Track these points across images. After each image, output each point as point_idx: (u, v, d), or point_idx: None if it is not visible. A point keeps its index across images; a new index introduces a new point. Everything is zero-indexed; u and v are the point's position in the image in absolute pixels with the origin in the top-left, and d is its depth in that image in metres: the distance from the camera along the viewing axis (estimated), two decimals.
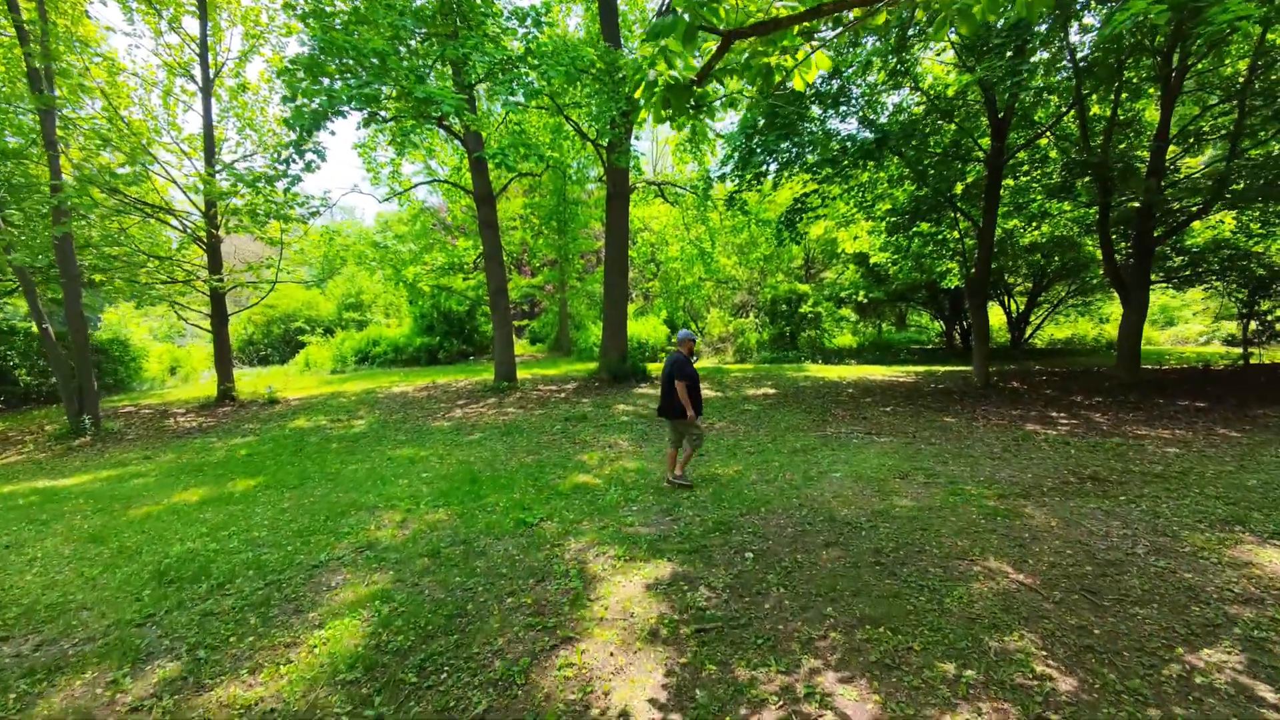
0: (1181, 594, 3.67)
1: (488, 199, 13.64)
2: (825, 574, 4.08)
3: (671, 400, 5.95)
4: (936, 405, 10.20)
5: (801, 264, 24.75)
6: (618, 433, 8.85)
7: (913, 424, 8.72)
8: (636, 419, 9.74)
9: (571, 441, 8.46)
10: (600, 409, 10.76)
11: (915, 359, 19.67)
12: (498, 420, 10.17)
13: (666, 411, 6.04)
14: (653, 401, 11.37)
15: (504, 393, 13.15)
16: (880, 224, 14.15)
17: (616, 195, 14.32)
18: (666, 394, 5.97)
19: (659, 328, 22.20)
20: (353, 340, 23.10)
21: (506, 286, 14.08)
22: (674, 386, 5.88)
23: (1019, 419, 8.87)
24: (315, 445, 9.07)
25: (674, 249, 20.27)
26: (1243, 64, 12.05)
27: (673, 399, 5.93)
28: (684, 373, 5.86)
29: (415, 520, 5.45)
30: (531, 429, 9.40)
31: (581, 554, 4.57)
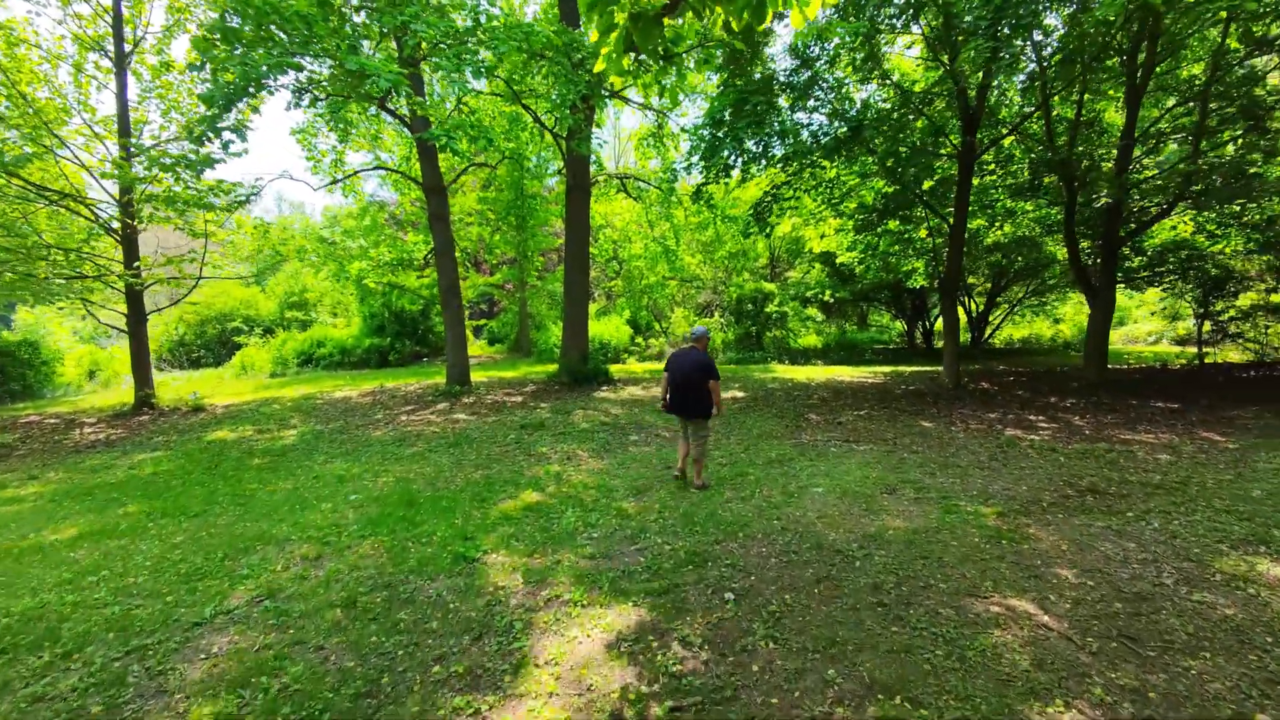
0: (1231, 637, 3.15)
1: (438, 190, 12.68)
2: (821, 620, 3.44)
3: (698, 398, 5.69)
4: (911, 408, 9.78)
5: (767, 263, 24.41)
6: (578, 442, 8.10)
7: (890, 429, 8.23)
8: (598, 427, 9.00)
9: (526, 454, 7.67)
10: (559, 415, 9.97)
11: (880, 359, 19.48)
12: (446, 429, 9.28)
13: (690, 410, 5.76)
14: (617, 406, 10.65)
15: (456, 398, 12.22)
16: (848, 222, 13.77)
17: (577, 188, 13.54)
18: (687, 392, 5.71)
19: (622, 328, 21.48)
20: (295, 341, 21.64)
21: (459, 284, 13.14)
22: (699, 384, 5.66)
23: (997, 423, 8.49)
24: (233, 461, 8.02)
25: (637, 246, 19.61)
26: (1198, 67, 12.10)
27: (698, 397, 5.69)
28: (715, 371, 5.69)
29: (333, 556, 4.60)
30: (483, 439, 8.55)
31: (530, 598, 3.82)
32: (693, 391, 5.69)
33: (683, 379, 5.72)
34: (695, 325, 6.24)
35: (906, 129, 11.09)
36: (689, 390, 5.70)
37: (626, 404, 10.90)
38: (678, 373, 5.77)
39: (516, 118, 15.25)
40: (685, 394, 5.73)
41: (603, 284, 28.71)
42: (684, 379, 5.72)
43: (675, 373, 5.79)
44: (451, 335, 12.91)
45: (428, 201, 12.81)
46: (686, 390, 5.71)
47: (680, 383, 5.74)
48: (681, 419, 5.96)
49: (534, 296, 24.14)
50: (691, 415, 5.78)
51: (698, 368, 5.68)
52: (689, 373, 5.70)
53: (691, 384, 5.69)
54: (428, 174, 12.63)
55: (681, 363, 5.80)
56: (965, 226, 11.48)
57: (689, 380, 5.69)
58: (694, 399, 5.71)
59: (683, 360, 5.81)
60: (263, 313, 25.44)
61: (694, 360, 5.74)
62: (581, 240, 13.74)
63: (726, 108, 9.88)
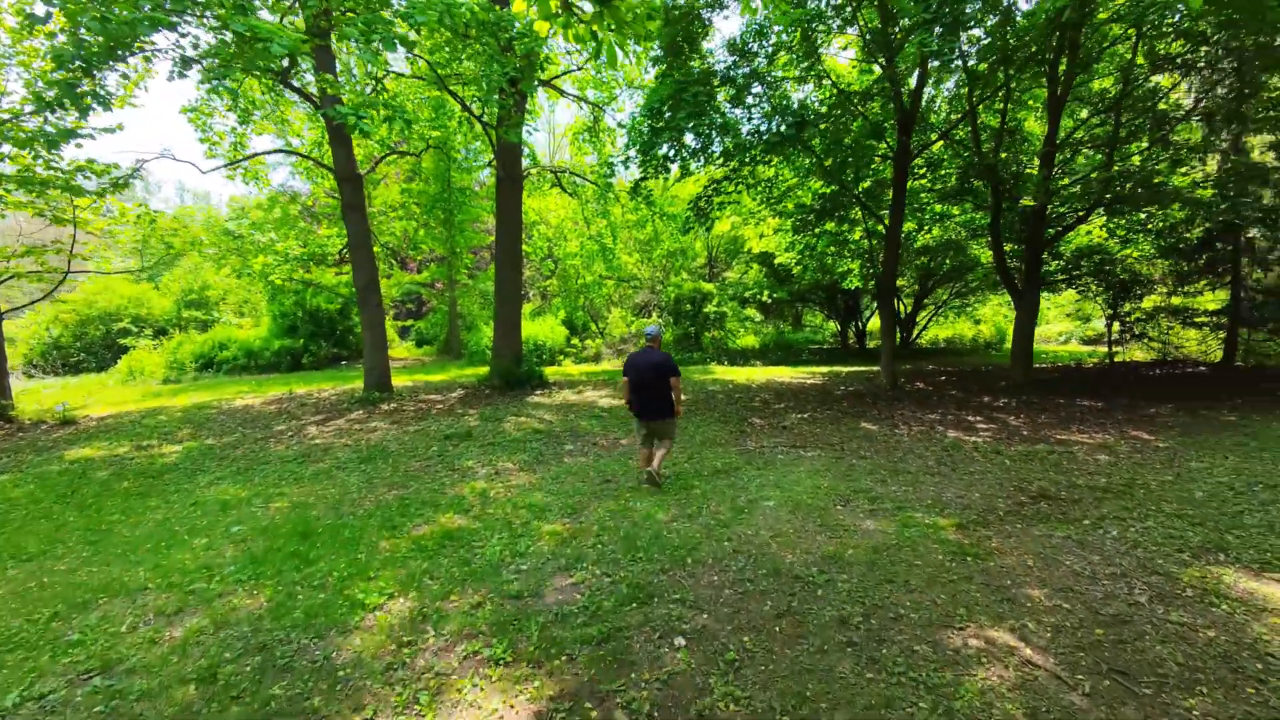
0: (1222, 665, 2.90)
1: (352, 179, 11.58)
2: (786, 668, 2.96)
3: (662, 397, 5.62)
4: (853, 410, 9.64)
5: (705, 263, 24.26)
6: (509, 454, 7.40)
7: (836, 433, 7.99)
8: (531, 435, 8.31)
9: (449, 468, 6.90)
10: (489, 423, 9.21)
11: (816, 359, 19.66)
12: (359, 442, 8.34)
13: (652, 413, 5.68)
14: (552, 412, 9.99)
15: (374, 405, 11.18)
16: (787, 222, 13.65)
17: (508, 179, 12.76)
18: (648, 393, 5.63)
19: (557, 329, 20.72)
20: (193, 343, 19.61)
21: (378, 281, 12.08)
22: (660, 384, 5.59)
23: (938, 424, 8.43)
24: (97, 486, 6.83)
25: (573, 244, 18.92)
26: (1108, 81, 12.70)
27: (661, 396, 5.62)
28: (675, 368, 5.64)
29: (198, 609, 3.76)
30: (401, 452, 7.70)
31: (442, 656, 3.16)
32: (655, 391, 5.61)
33: (642, 379, 5.64)
34: (647, 326, 6.25)
35: (845, 129, 11.01)
36: (651, 390, 5.62)
37: (561, 409, 10.25)
38: (638, 374, 5.66)
39: (443, 104, 14.31)
40: (648, 394, 5.64)
41: (538, 283, 27.81)
42: (644, 379, 5.63)
43: (636, 374, 5.68)
44: (370, 336, 11.83)
45: (340, 191, 11.68)
46: (649, 390, 5.63)
47: (641, 383, 5.65)
48: (646, 421, 5.77)
49: (464, 295, 23.00)
50: (656, 416, 5.69)
51: (657, 366, 5.59)
52: (649, 372, 5.61)
53: (652, 383, 5.61)
54: (340, 161, 11.52)
55: (640, 363, 5.68)
56: (901, 228, 11.52)
57: (649, 380, 5.61)
58: (658, 399, 5.63)
59: (641, 361, 5.69)
60: (156, 312, 22.99)
61: (654, 361, 5.63)
62: (513, 235, 12.97)
63: (665, 98, 9.42)
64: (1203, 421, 8.21)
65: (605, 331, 22.38)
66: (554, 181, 15.68)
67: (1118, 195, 11.07)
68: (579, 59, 14.18)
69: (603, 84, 15.37)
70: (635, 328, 21.40)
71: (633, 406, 5.80)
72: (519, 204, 13.25)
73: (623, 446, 7.70)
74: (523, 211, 14.05)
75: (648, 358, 5.67)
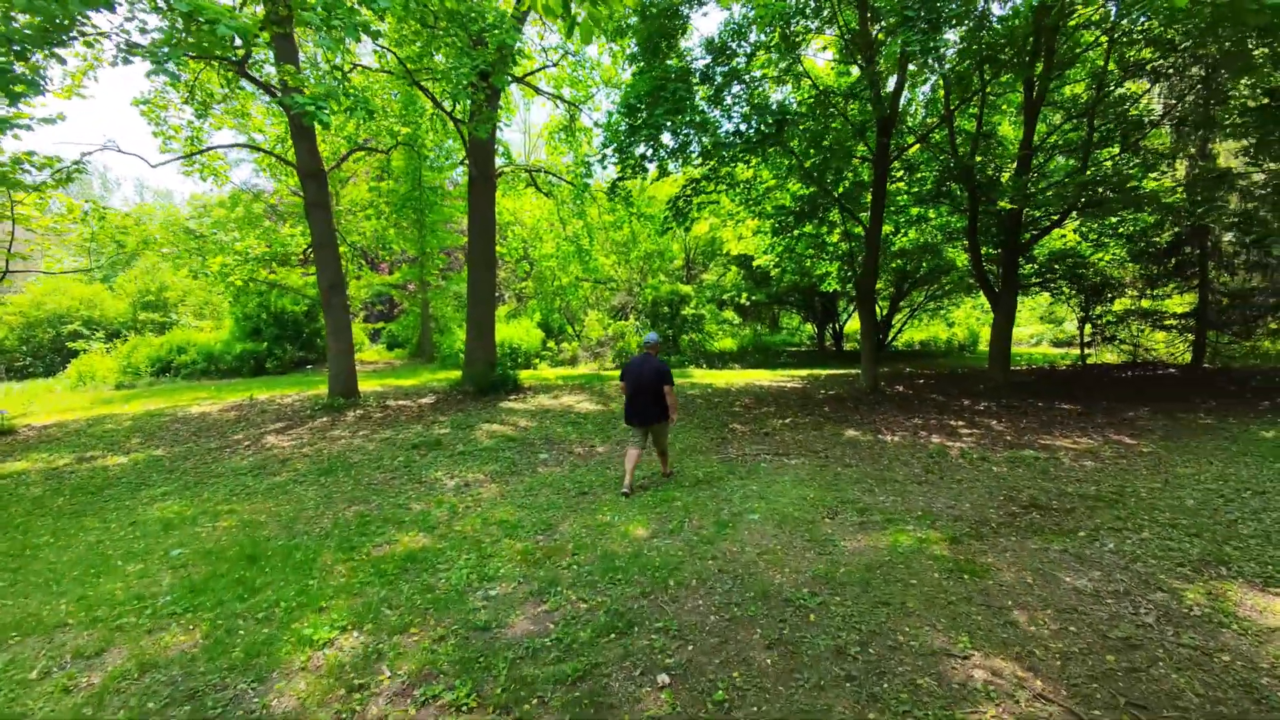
0: (1243, 695, 2.72)
1: (317, 175, 11.08)
2: (780, 708, 2.69)
3: (657, 403, 5.80)
4: (835, 415, 9.47)
5: (682, 264, 24.07)
6: (480, 464, 7.03)
7: (819, 440, 7.80)
8: (504, 444, 7.96)
9: (415, 481, 6.52)
10: (460, 431, 8.82)
11: (794, 361, 19.59)
12: (320, 452, 7.89)
13: (645, 418, 5.86)
14: (526, 418, 9.64)
15: (339, 412, 10.69)
16: (766, 223, 13.50)
17: (481, 178, 12.37)
18: (643, 399, 5.82)
19: (533, 331, 20.31)
20: (149, 347, 18.72)
21: (344, 282, 11.58)
22: (656, 390, 5.77)
23: (921, 429, 8.29)
24: (29, 503, 6.28)
25: (549, 246, 18.53)
26: (1080, 87, 12.82)
27: (657, 403, 5.80)
28: (670, 377, 5.81)
29: (124, 648, 3.35)
30: (365, 463, 7.28)
31: (397, 703, 2.82)
32: (653, 396, 5.78)
33: (641, 386, 5.81)
34: (648, 334, 6.28)
35: (825, 130, 10.88)
36: (648, 396, 5.78)
37: (537, 415, 9.90)
38: (636, 380, 5.84)
39: (413, 100, 13.86)
40: (644, 400, 5.80)
41: (513, 285, 27.34)
42: (642, 386, 5.80)
43: (634, 380, 5.86)
44: (335, 340, 11.32)
45: (304, 188, 11.16)
46: (646, 395, 5.79)
47: (638, 390, 5.82)
48: (639, 426, 5.93)
49: (438, 297, 22.45)
50: (650, 421, 5.86)
51: (656, 374, 5.77)
52: (648, 379, 5.78)
53: (650, 390, 5.77)
54: (303, 156, 11.00)
55: (639, 370, 5.86)
56: (880, 230, 11.43)
57: (647, 387, 5.78)
58: (654, 405, 5.80)
59: (641, 368, 5.87)
60: (109, 314, 21.96)
61: (653, 367, 5.82)
62: (486, 235, 12.58)
63: (643, 95, 9.16)
64: (1181, 425, 8.21)
65: (582, 334, 22.03)
66: (529, 181, 15.30)
67: (1091, 199, 11.13)
68: (554, 55, 13.86)
69: (579, 82, 15.07)
70: (612, 330, 21.08)
71: (627, 413, 5.93)
72: (492, 203, 12.87)
73: (599, 455, 7.39)
74: (496, 211, 13.65)
75: (647, 364, 5.83)
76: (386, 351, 26.44)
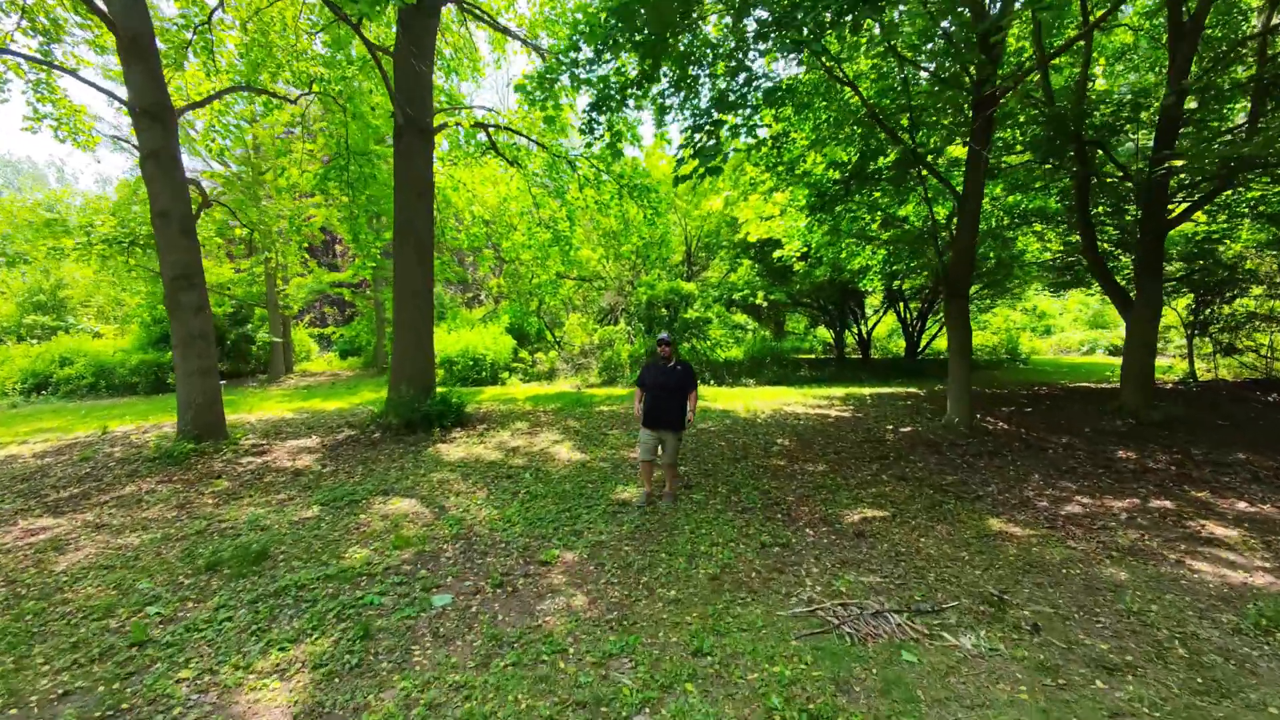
0: None
1: (159, 114, 7.52)
2: None
3: (680, 408, 5.37)
4: (939, 478, 6.02)
5: (682, 259, 20.56)
6: (300, 624, 3.51)
7: (953, 540, 4.34)
8: (386, 555, 4.43)
9: (146, 696, 2.97)
10: (327, 519, 5.30)
11: (818, 376, 16.12)
12: (76, 558, 4.32)
13: (668, 423, 5.35)
14: (457, 483, 6.14)
15: (182, 464, 7.13)
16: (800, 194, 10.02)
17: (411, 128, 8.87)
18: (669, 402, 5.34)
19: (501, 339, 16.73)
20: (23, 358, 15.02)
21: (200, 270, 7.97)
22: (680, 394, 5.38)
23: (1125, 518, 4.85)
24: None
25: (520, 234, 14.96)
26: None
27: (679, 407, 5.37)
28: (696, 382, 5.57)
29: None
30: (79, 612, 3.72)
31: None
32: (677, 401, 5.36)
33: (665, 389, 5.35)
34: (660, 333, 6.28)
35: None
36: (674, 399, 5.34)
37: (477, 474, 6.39)
38: (663, 381, 5.39)
39: (338, 39, 10.37)
40: (671, 403, 5.33)
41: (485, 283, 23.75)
42: (668, 386, 5.36)
43: (657, 383, 5.41)
44: (184, 356, 7.71)
45: (137, 130, 7.58)
46: (671, 399, 5.33)
47: (661, 394, 5.35)
48: (660, 431, 5.38)
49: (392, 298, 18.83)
50: (672, 427, 5.36)
51: (683, 376, 5.44)
52: (675, 379, 5.39)
53: (675, 391, 5.37)
54: (138, 84, 7.44)
55: (663, 372, 5.44)
56: (980, 201, 7.99)
57: (674, 387, 5.37)
58: (678, 408, 5.36)
59: (663, 370, 5.44)
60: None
61: (679, 369, 5.46)
62: (420, 210, 9.05)
63: None
64: None
65: (563, 341, 18.44)
66: (488, 144, 11.74)
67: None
68: None
69: (553, 23, 11.66)
70: (599, 337, 17.56)
71: (646, 416, 5.42)
72: (428, 165, 9.33)
73: (563, 595, 3.87)
74: (436, 178, 10.10)
75: (669, 366, 5.44)
76: (339, 360, 22.82)
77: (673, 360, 5.50)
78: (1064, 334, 23.32)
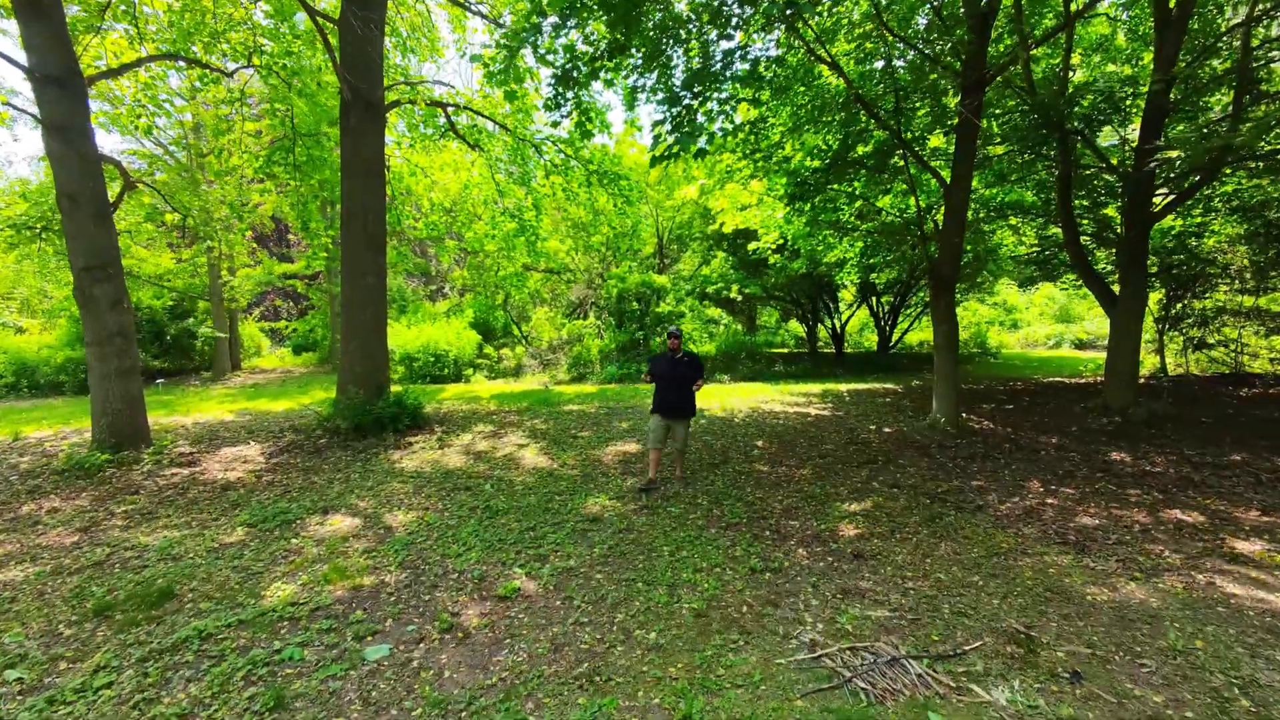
0: None
1: (65, 81, 6.61)
2: None
3: (690, 397, 5.65)
4: (933, 485, 5.63)
5: (653, 251, 20.00)
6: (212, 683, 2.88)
7: (962, 563, 3.93)
8: (315, 595, 3.80)
9: None
10: (252, 541, 4.63)
11: (793, 372, 15.80)
12: None
13: (677, 412, 5.64)
14: (407, 496, 5.50)
15: (99, 476, 6.31)
16: (778, 180, 9.56)
17: (360, 104, 8.09)
18: (678, 391, 5.61)
19: (465, 333, 15.95)
20: None
21: (116, 259, 7.08)
22: (689, 384, 5.60)
23: (1154, 532, 4.52)
24: None
25: (483, 224, 14.19)
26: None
27: (690, 396, 5.64)
28: (702, 372, 5.74)
29: None
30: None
31: None
32: (687, 390, 5.60)
33: (676, 378, 5.58)
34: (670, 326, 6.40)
35: None
36: (681, 390, 5.59)
37: (431, 487, 5.76)
38: (674, 372, 5.60)
39: (280, 8, 9.53)
40: (683, 390, 5.59)
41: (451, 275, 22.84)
42: (679, 377, 5.58)
43: (666, 374, 5.62)
44: (99, 357, 6.84)
45: (40, 103, 6.67)
46: (683, 388, 5.59)
47: (673, 383, 5.58)
48: (672, 419, 5.66)
49: None
50: (683, 415, 5.66)
51: (692, 366, 5.64)
52: (686, 369, 5.61)
53: (684, 380, 5.59)
54: (38, 47, 6.53)
55: (673, 364, 5.63)
56: (969, 188, 7.64)
57: (683, 377, 5.59)
58: (688, 398, 5.62)
59: (673, 362, 5.64)
60: None
61: (689, 362, 5.65)
62: (369, 192, 8.29)
63: None
64: None
65: (530, 336, 17.73)
66: (446, 125, 10.96)
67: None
68: None
69: None
70: (568, 332, 16.92)
71: (656, 405, 5.65)
72: (379, 144, 8.57)
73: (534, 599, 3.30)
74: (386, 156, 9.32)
75: (684, 361, 5.62)
76: (293, 356, 21.66)
77: (681, 352, 5.67)
78: (1030, 328, 23.58)
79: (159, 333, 16.35)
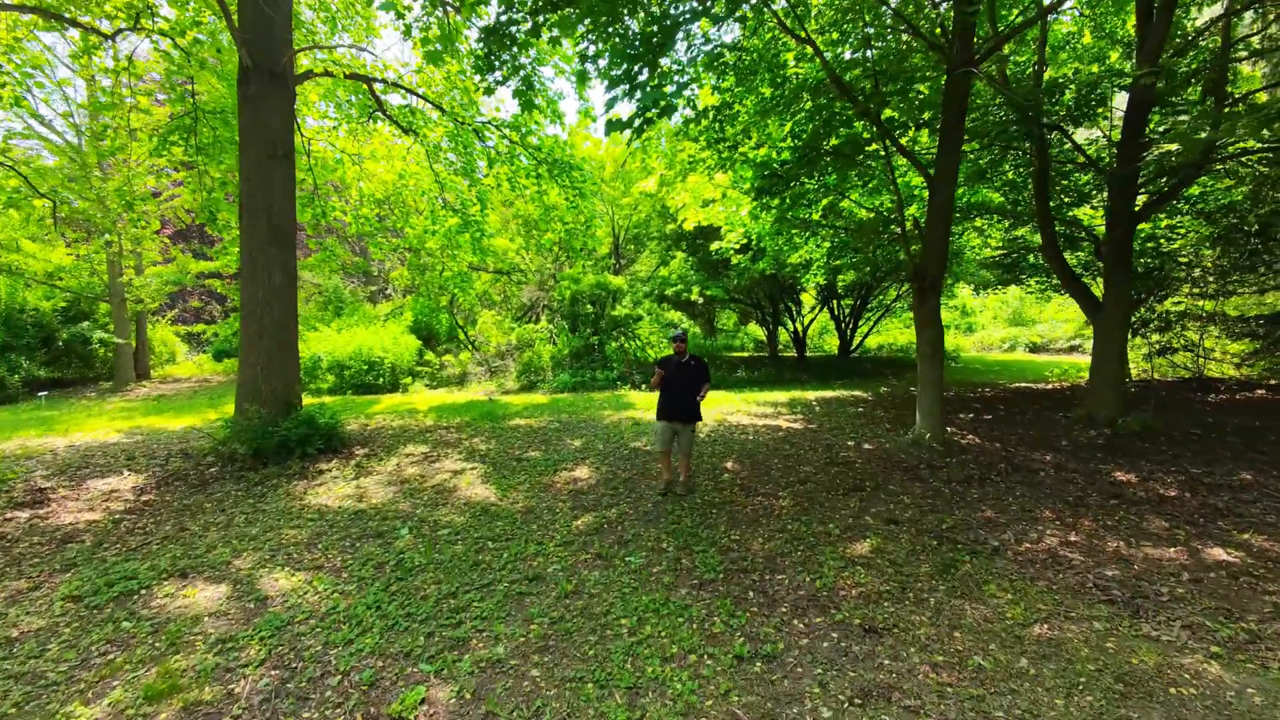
0: None
1: None
2: None
3: (694, 401, 5.45)
4: (947, 526, 4.87)
5: (609, 251, 19.02)
6: None
7: (991, 629, 3.13)
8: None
9: None
10: (114, 609, 3.46)
11: (756, 378, 15.09)
12: None
13: (683, 416, 5.49)
14: (299, 550, 4.37)
15: None
16: (747, 174, 8.75)
17: (261, 72, 6.85)
18: (688, 395, 5.46)
19: (403, 338, 14.60)
20: None
21: None
22: (695, 389, 5.46)
23: (1190, 577, 3.83)
24: None
25: (423, 219, 12.92)
26: None
27: (693, 401, 5.46)
28: (709, 377, 5.63)
29: None
30: None
31: None
32: (694, 394, 5.46)
33: (683, 383, 5.48)
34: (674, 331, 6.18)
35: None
36: (686, 394, 5.46)
37: (346, 537, 4.63)
38: (683, 377, 5.49)
39: None
40: (686, 397, 5.45)
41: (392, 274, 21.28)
42: (684, 382, 5.47)
43: (680, 377, 5.49)
44: None
45: None
46: (691, 391, 5.46)
47: (681, 388, 5.47)
48: (680, 423, 5.53)
49: None
50: (690, 419, 5.53)
51: (701, 373, 5.55)
52: (691, 378, 5.49)
53: (693, 385, 5.48)
54: None
55: (683, 368, 5.51)
56: (954, 186, 6.97)
57: (692, 380, 5.49)
58: (692, 402, 5.46)
59: (683, 368, 5.50)
60: None
61: (696, 366, 5.56)
62: (273, 175, 7.04)
63: None
64: None
65: (476, 342, 16.48)
66: (373, 104, 9.71)
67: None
68: None
69: None
70: (517, 337, 15.77)
71: (661, 409, 5.52)
72: (287, 119, 7.31)
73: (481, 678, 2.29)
74: (295, 134, 8.04)
75: (684, 361, 5.52)
76: (213, 364, 19.72)
77: (687, 355, 5.57)
78: (985, 331, 23.66)
79: (48, 338, 14.40)
